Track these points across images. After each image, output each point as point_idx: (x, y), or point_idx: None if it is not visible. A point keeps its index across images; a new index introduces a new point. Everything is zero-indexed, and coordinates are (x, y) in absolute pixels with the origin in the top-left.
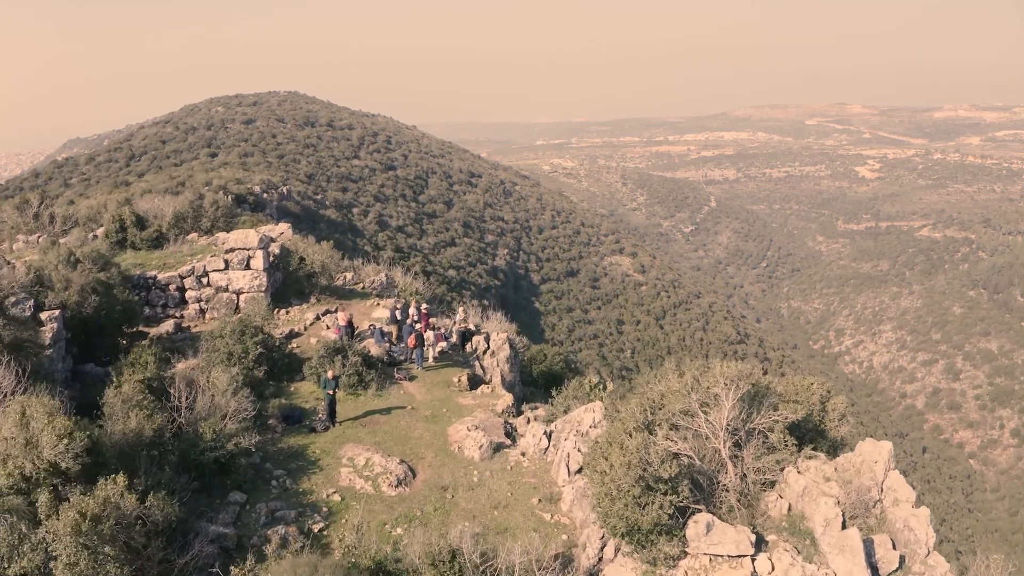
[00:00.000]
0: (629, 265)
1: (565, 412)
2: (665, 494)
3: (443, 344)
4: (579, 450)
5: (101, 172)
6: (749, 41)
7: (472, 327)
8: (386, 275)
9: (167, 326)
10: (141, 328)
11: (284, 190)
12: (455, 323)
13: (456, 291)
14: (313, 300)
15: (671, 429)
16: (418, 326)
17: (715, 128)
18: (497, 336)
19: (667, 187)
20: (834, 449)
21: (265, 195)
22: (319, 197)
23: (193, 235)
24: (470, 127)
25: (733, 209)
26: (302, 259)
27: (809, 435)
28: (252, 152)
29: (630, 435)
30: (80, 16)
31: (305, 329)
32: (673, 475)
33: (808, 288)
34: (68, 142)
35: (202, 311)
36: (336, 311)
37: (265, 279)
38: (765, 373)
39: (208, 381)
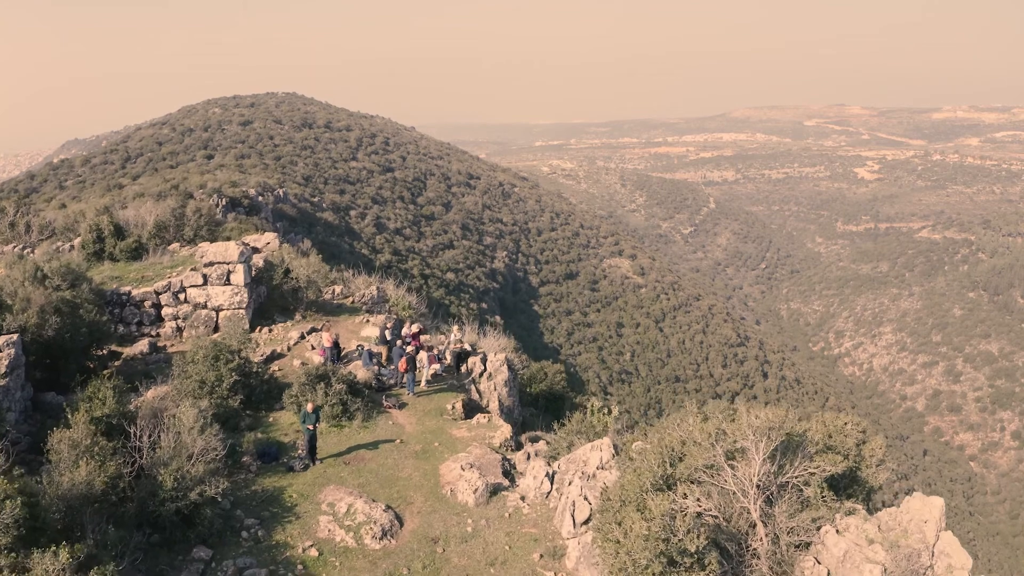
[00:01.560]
0: (628, 267)
1: (569, 448)
2: (690, 569)
3: (436, 366)
4: (586, 498)
5: (96, 174)
6: (748, 42)
7: (468, 347)
8: (377, 288)
9: (141, 346)
10: (115, 348)
11: (280, 192)
12: (449, 343)
13: (454, 294)
14: (298, 317)
15: (692, 484)
16: (408, 348)
17: (714, 129)
18: (494, 357)
19: (666, 188)
20: (868, 495)
21: (260, 198)
22: (316, 199)
23: (175, 245)
24: (469, 128)
25: (732, 210)
26: (287, 272)
27: (843, 481)
28: (249, 154)
29: (647, 493)
30: (80, 17)
31: (288, 349)
32: (701, 547)
33: (807, 290)
34: (66, 143)
35: (179, 329)
36: (322, 329)
37: (246, 295)
38: (800, 419)
39: (174, 417)
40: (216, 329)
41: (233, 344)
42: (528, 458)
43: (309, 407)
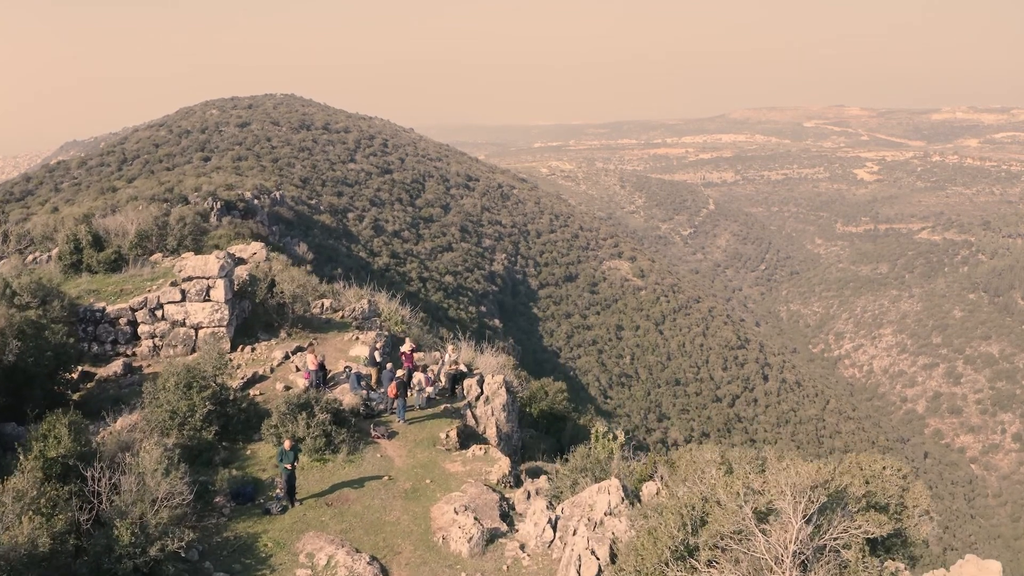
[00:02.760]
0: (628, 269)
1: (573, 488)
2: None
3: (430, 389)
4: (593, 552)
5: (92, 177)
6: (746, 43)
7: (463, 368)
8: (369, 301)
9: (115, 366)
10: (88, 368)
11: (277, 195)
12: (444, 364)
13: (453, 298)
14: (283, 334)
15: (717, 550)
16: (400, 372)
17: (713, 130)
18: (491, 379)
19: (665, 190)
20: (904, 544)
21: (256, 201)
22: (313, 202)
23: (157, 255)
24: (468, 129)
25: (731, 212)
26: (272, 287)
27: (884, 537)
28: (246, 156)
29: (667, 564)
30: (80, 17)
31: (272, 371)
32: None
33: (807, 291)
34: (65, 144)
35: (156, 348)
36: (309, 348)
37: (227, 312)
38: (827, 457)
39: (137, 457)
40: (195, 348)
41: (208, 370)
42: (528, 497)
43: (287, 444)
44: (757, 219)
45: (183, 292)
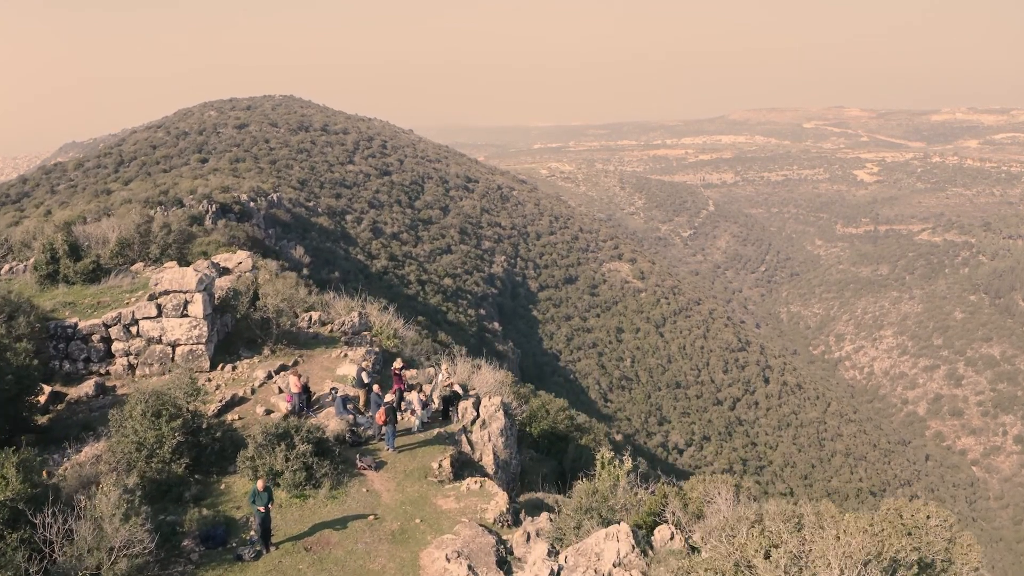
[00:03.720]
0: (628, 271)
1: (577, 531)
2: None
3: (421, 413)
4: None
5: (89, 179)
6: (746, 44)
7: (458, 388)
8: (359, 313)
9: (87, 387)
10: (59, 388)
11: (274, 197)
12: (437, 384)
13: (452, 301)
14: (267, 351)
15: None
16: (388, 397)
17: (712, 131)
18: (488, 402)
19: (665, 191)
20: None
21: (252, 204)
22: (311, 204)
23: (139, 265)
24: (467, 131)
25: (731, 213)
26: (255, 300)
27: None
28: (243, 158)
29: None
30: (80, 18)
31: (253, 392)
32: None
33: (807, 293)
34: (64, 146)
35: (131, 367)
36: (293, 365)
37: (206, 328)
38: (860, 498)
39: (93, 501)
40: (173, 366)
41: (178, 396)
42: (528, 539)
43: (259, 484)
44: (757, 220)
45: (159, 307)
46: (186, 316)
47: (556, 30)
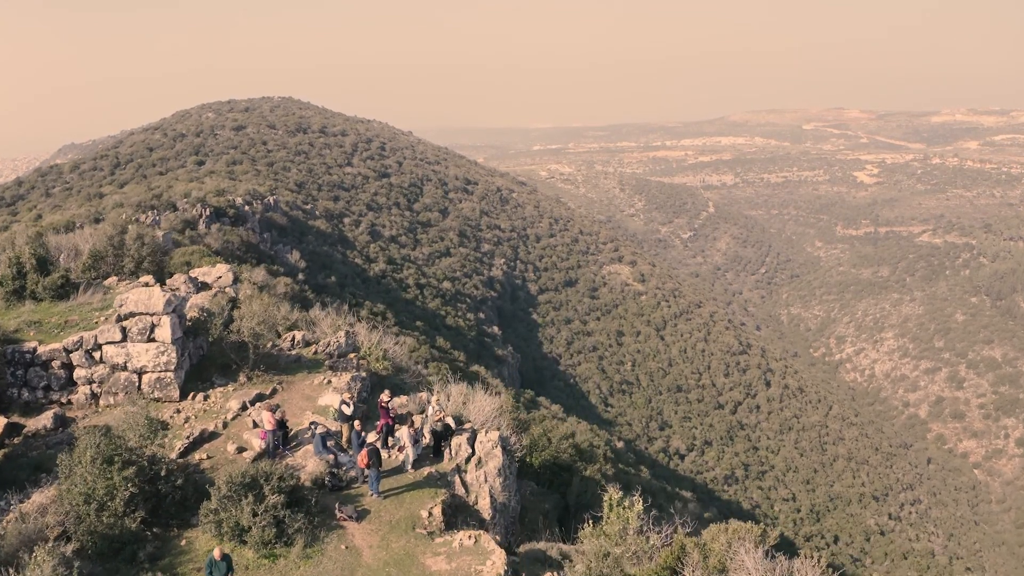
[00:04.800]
0: (628, 274)
1: None
2: None
3: (411, 451)
4: None
5: (84, 181)
6: (745, 46)
7: (450, 421)
8: (346, 333)
9: (45, 419)
10: (17, 419)
11: (271, 200)
12: (428, 416)
13: (450, 304)
14: (242, 378)
15: None
16: (372, 436)
17: (712, 133)
18: (485, 436)
19: (665, 193)
20: None
21: (247, 207)
22: (308, 207)
23: (112, 279)
24: (466, 132)
25: (731, 215)
26: (230, 321)
27: None
28: (241, 160)
29: None
30: (80, 19)
31: (225, 426)
32: None
33: (808, 295)
34: (63, 147)
35: (94, 396)
36: (271, 395)
37: (174, 354)
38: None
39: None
40: (140, 395)
41: (132, 439)
42: None
43: (216, 552)
44: (757, 222)
45: (124, 331)
46: (153, 341)
47: (556, 31)
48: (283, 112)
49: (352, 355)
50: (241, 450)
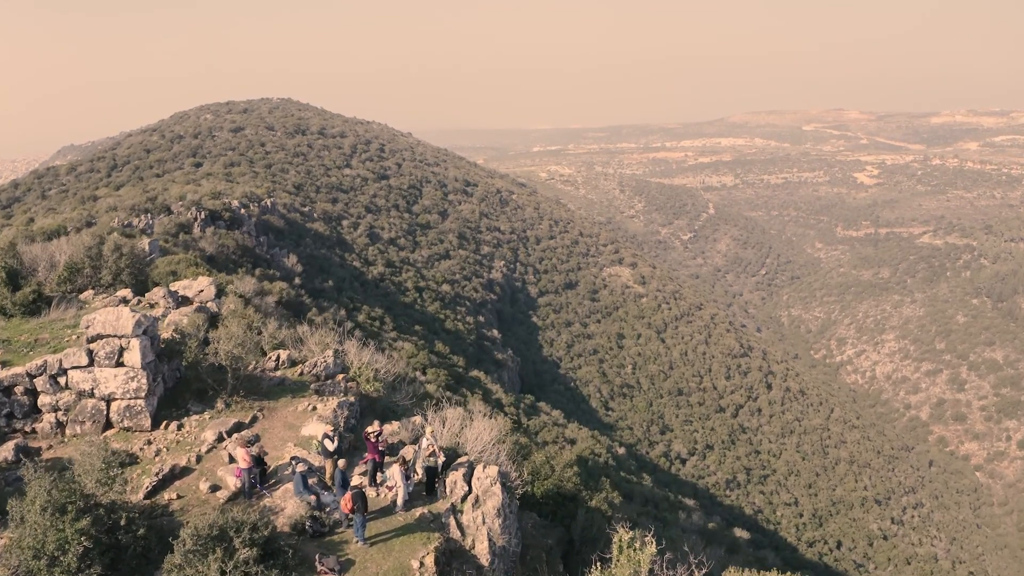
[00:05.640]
0: (629, 276)
1: None
2: None
3: (402, 490)
4: None
5: (81, 183)
6: (745, 47)
7: (442, 455)
8: (334, 352)
9: (6, 450)
10: None
11: (268, 203)
12: (420, 451)
13: (450, 308)
14: (220, 405)
15: None
16: (357, 479)
17: (712, 134)
18: (483, 472)
19: (665, 194)
20: None
21: (243, 210)
22: (307, 209)
23: (88, 293)
24: (466, 133)
25: (731, 216)
26: (205, 343)
27: None
28: (238, 162)
29: None
30: (80, 20)
31: (199, 460)
32: None
33: (808, 296)
34: (63, 149)
35: (60, 424)
36: (251, 423)
37: (145, 380)
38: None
39: None
40: (108, 425)
41: (88, 485)
42: None
43: None
44: (757, 223)
45: (90, 354)
46: (122, 365)
47: (555, 33)
48: (282, 113)
49: (340, 376)
50: (215, 488)
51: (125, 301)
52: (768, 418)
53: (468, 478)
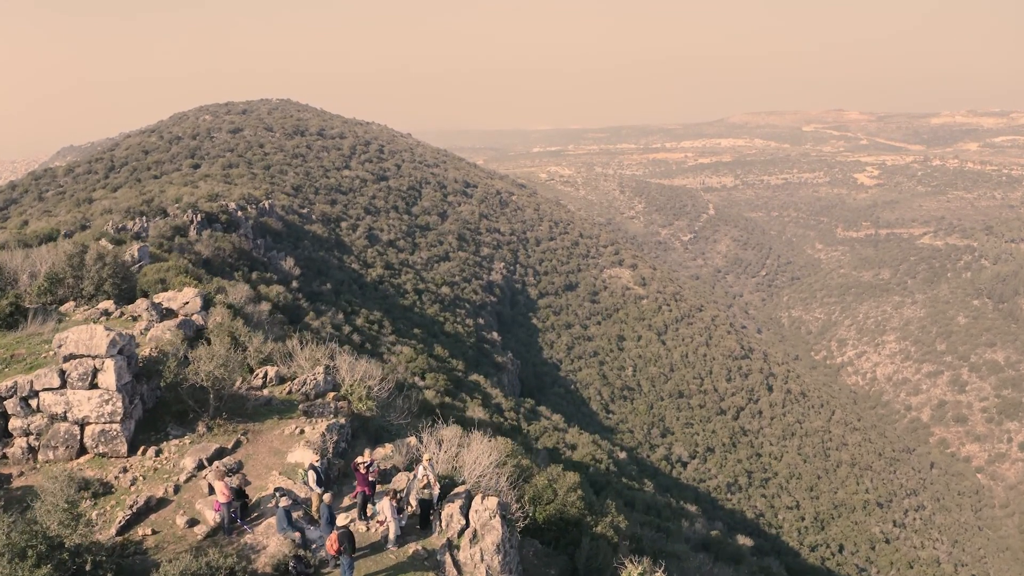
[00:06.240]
0: (629, 278)
1: None
2: None
3: (394, 527)
4: None
5: (78, 185)
6: (745, 48)
7: (437, 485)
8: (325, 368)
9: None
10: None
11: (265, 205)
12: (414, 480)
13: (449, 310)
14: (201, 428)
15: None
16: (343, 519)
17: (712, 135)
18: (481, 504)
19: (665, 195)
20: None
21: (240, 213)
22: (305, 211)
23: (69, 305)
24: (466, 134)
25: (731, 217)
26: (185, 362)
27: None
28: (237, 163)
29: None
30: (81, 21)
31: (176, 490)
32: None
33: (808, 297)
34: (62, 150)
35: (32, 450)
36: (233, 449)
37: (120, 403)
38: None
39: None
40: (82, 450)
41: (52, 526)
42: None
43: None
44: (757, 224)
45: (62, 374)
46: (96, 387)
47: (555, 33)
48: (281, 114)
49: (331, 395)
50: (193, 523)
51: (107, 314)
52: (769, 420)
53: (465, 510)
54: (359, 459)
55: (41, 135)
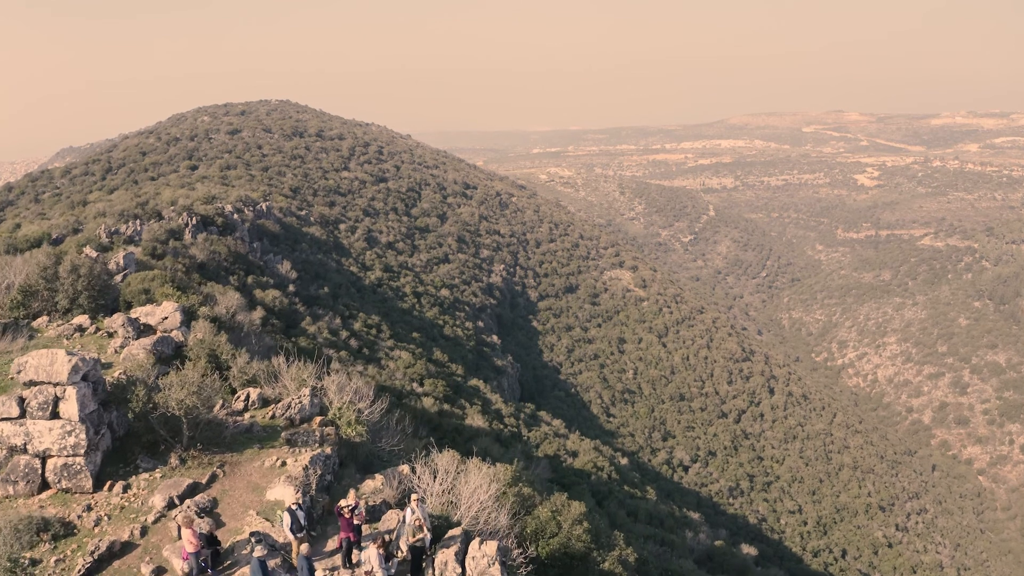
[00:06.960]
0: (630, 279)
1: None
2: None
3: (379, 574)
4: None
5: (75, 187)
6: (745, 49)
7: (426, 529)
8: (312, 390)
9: None
10: None
11: (263, 207)
12: (405, 525)
13: (449, 313)
14: (174, 461)
15: None
16: (329, 565)
17: (712, 136)
18: (479, 550)
19: (665, 196)
20: None
21: (236, 215)
22: (303, 213)
23: (41, 319)
24: (466, 135)
25: (732, 218)
26: (156, 387)
27: None
28: (235, 164)
29: None
30: (81, 22)
31: (144, 532)
32: None
33: (809, 298)
34: (61, 151)
35: None
36: (208, 484)
37: (84, 435)
38: None
39: None
40: (44, 485)
41: (3, 563)
42: None
43: None
44: (757, 225)
45: (21, 402)
46: (57, 417)
47: (555, 35)
48: (280, 115)
49: (317, 420)
50: (160, 572)
51: (81, 329)
52: (771, 423)
53: (462, 556)
54: (343, 502)
55: (40, 136)
